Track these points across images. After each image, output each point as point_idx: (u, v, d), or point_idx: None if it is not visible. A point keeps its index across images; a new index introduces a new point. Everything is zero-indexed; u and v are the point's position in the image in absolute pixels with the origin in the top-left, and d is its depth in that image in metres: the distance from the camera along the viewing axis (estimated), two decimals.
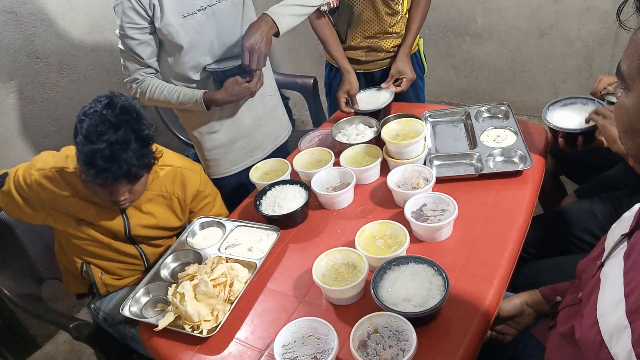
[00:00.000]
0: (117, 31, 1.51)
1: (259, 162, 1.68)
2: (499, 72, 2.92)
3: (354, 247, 1.22)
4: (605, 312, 0.74)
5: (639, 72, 0.63)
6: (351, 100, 1.86)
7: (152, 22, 1.49)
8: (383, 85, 1.88)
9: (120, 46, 1.53)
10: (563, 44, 2.59)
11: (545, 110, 1.52)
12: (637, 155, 0.69)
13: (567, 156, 1.79)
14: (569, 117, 1.47)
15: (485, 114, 1.71)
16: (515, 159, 1.49)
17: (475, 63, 2.99)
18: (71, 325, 1.47)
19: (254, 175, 1.61)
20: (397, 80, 1.89)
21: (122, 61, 1.57)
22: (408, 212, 1.28)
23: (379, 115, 1.75)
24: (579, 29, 2.49)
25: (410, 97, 2.00)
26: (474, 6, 2.76)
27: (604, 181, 1.64)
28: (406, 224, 1.26)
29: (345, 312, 1.15)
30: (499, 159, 1.51)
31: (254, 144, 1.84)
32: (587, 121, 1.38)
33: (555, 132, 1.47)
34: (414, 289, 1.09)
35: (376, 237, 1.26)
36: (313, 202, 1.49)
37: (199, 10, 1.51)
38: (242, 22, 1.64)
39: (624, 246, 0.78)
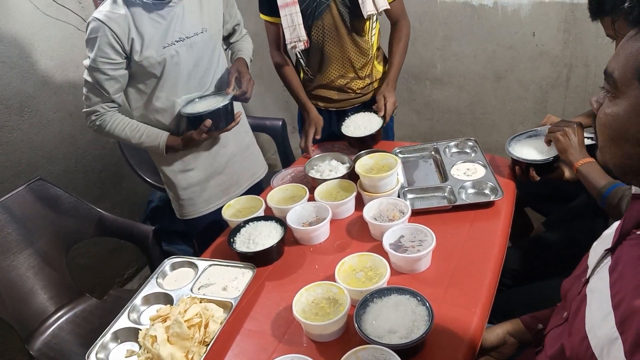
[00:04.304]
0: (86, 62, 1.49)
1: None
2: (459, 114, 3.02)
3: (334, 281, 1.19)
4: (594, 326, 0.74)
5: (633, 78, 0.65)
6: (316, 131, 1.90)
7: (127, 57, 1.49)
8: (374, 107, 1.88)
9: (87, 77, 1.52)
10: (519, 87, 2.72)
11: (508, 142, 1.59)
12: (620, 165, 0.71)
13: (531, 188, 1.85)
14: (531, 150, 1.55)
15: (454, 149, 1.76)
16: (487, 191, 1.52)
17: (436, 106, 3.09)
18: None
19: (227, 213, 1.57)
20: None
21: (84, 90, 1.55)
22: (386, 244, 1.27)
23: (369, 142, 1.76)
24: (533, 73, 2.63)
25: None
26: (432, 53, 2.88)
27: (571, 212, 1.69)
28: (385, 256, 1.25)
29: (328, 349, 1.11)
30: (471, 191, 1.54)
31: (231, 181, 1.83)
32: (546, 142, 1.50)
33: (515, 162, 1.55)
34: (398, 321, 1.06)
35: (356, 270, 1.23)
36: (289, 238, 1.47)
37: (177, 41, 1.55)
38: (218, 55, 1.70)
39: (607, 261, 0.79)
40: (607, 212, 1.29)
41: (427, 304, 1.07)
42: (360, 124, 1.85)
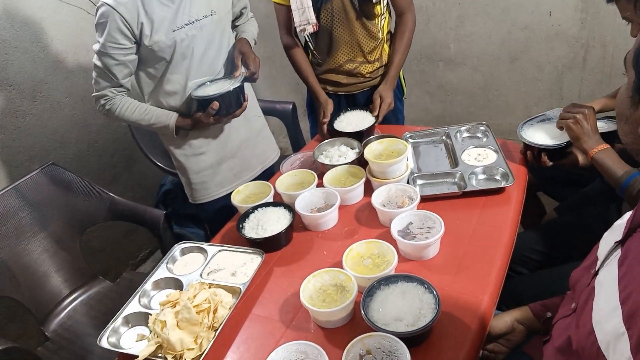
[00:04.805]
0: (95, 46, 1.49)
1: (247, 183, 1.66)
2: (473, 96, 2.97)
3: (342, 268, 1.19)
4: (601, 319, 0.73)
5: (630, 61, 0.72)
6: (324, 115, 1.88)
7: (136, 42, 1.49)
8: (371, 107, 1.88)
9: (97, 62, 1.52)
10: (534, 68, 2.67)
11: (521, 126, 1.56)
12: (623, 141, 0.76)
13: (544, 172, 1.83)
14: (543, 134, 1.52)
15: (465, 134, 1.73)
16: (497, 177, 1.50)
17: (450, 88, 3.04)
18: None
19: (236, 199, 1.58)
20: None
21: (94, 75, 1.56)
22: (395, 231, 1.27)
23: (361, 138, 1.75)
24: (548, 53, 2.57)
25: (389, 119, 2.01)
26: (446, 33, 2.82)
27: (584, 197, 1.66)
28: (393, 243, 1.25)
29: (335, 335, 1.12)
30: (481, 177, 1.52)
31: (243, 164, 1.84)
32: (558, 127, 1.47)
33: (527, 147, 1.53)
34: (404, 308, 1.06)
35: (364, 257, 1.23)
36: (297, 224, 1.47)
37: (186, 24, 1.54)
38: (228, 38, 1.70)
39: (617, 253, 0.78)
40: (628, 202, 1.27)
41: (434, 292, 1.07)
42: (352, 121, 1.84)
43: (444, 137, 1.75)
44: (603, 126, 1.58)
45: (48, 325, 1.80)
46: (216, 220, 1.75)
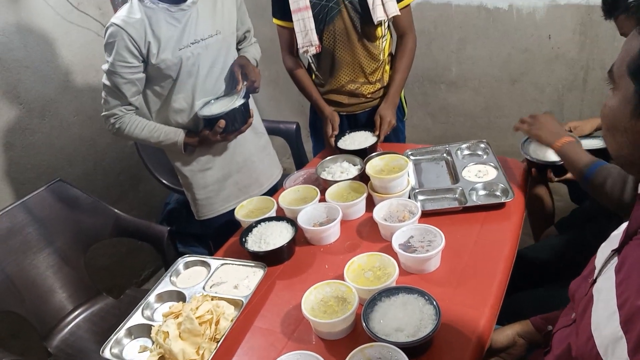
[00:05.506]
0: (104, 66, 1.54)
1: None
2: (475, 118, 3.01)
3: (343, 281, 1.20)
4: (599, 325, 0.74)
5: (625, 71, 0.70)
6: (333, 127, 1.89)
7: (144, 61, 1.54)
8: (375, 129, 1.90)
9: (106, 81, 1.56)
10: (534, 90, 2.70)
11: (522, 144, 1.59)
12: (615, 154, 0.76)
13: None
14: (546, 150, 1.54)
15: (466, 151, 1.75)
16: (498, 192, 1.52)
17: (451, 110, 3.08)
18: None
19: (240, 213, 1.60)
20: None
21: (103, 94, 1.60)
22: (396, 244, 1.28)
23: (364, 155, 1.78)
24: (549, 75, 2.61)
25: (391, 139, 2.04)
26: (448, 56, 2.88)
27: (584, 213, 1.68)
28: (394, 256, 1.26)
29: (336, 347, 1.12)
30: (482, 192, 1.54)
31: (249, 179, 1.87)
32: (515, 129, 1.52)
33: (531, 163, 1.54)
34: (405, 319, 1.07)
35: (365, 269, 1.25)
36: (300, 238, 1.48)
37: (192, 43, 1.59)
38: (233, 57, 1.74)
39: (614, 261, 0.79)
40: (591, 193, 1.28)
41: (435, 303, 1.08)
42: (355, 140, 1.88)
43: (444, 155, 1.77)
44: (598, 143, 1.61)
45: (51, 341, 1.80)
46: (220, 237, 1.76)
